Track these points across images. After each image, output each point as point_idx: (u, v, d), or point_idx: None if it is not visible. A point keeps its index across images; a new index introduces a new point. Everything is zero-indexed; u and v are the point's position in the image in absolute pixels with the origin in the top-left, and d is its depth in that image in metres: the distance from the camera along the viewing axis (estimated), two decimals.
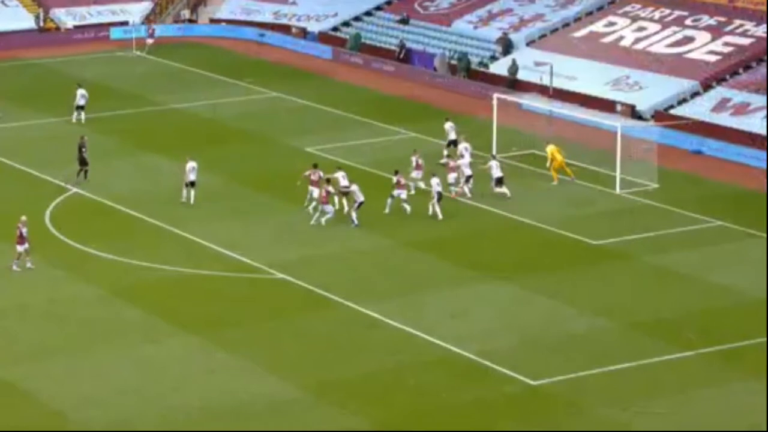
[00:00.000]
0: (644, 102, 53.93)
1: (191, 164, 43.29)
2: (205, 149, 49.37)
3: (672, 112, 53.21)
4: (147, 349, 33.37)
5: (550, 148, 46.08)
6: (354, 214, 41.54)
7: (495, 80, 58.07)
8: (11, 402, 30.71)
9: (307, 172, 42.85)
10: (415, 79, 60.78)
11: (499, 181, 44.14)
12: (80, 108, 53.08)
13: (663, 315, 35.31)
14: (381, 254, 39.79)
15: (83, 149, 45.95)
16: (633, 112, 53.42)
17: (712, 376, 31.88)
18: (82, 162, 45.79)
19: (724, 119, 51.62)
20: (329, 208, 41.34)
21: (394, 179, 42.40)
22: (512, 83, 57.50)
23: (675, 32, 57.91)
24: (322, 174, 42.53)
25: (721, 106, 52.54)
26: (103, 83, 59.32)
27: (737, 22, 57.16)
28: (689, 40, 57.22)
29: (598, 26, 60.07)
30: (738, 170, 48.13)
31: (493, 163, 44.58)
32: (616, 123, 46.74)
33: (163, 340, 33.87)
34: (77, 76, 59.08)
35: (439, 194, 42.13)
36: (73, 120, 53.01)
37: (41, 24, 68.55)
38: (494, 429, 29.57)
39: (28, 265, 38.03)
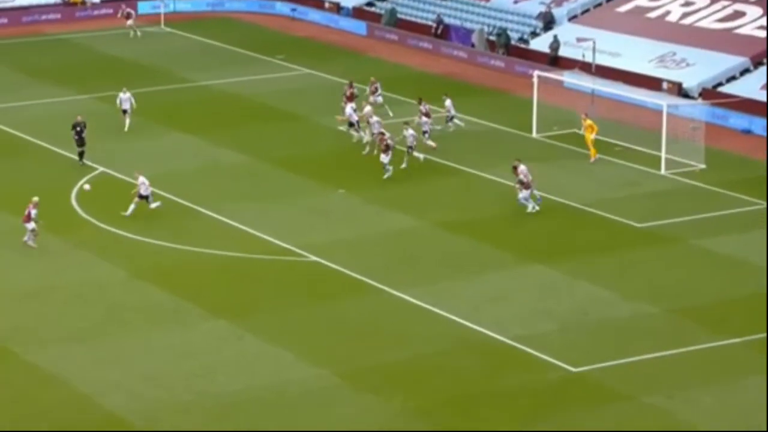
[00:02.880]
0: (691, 79, 53.09)
1: (141, 179, 40.21)
2: (235, 127, 49.37)
3: (720, 89, 52.45)
4: (176, 334, 32.97)
5: (589, 122, 45.71)
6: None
7: (535, 57, 57.46)
8: (38, 385, 30.38)
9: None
10: (452, 56, 59.84)
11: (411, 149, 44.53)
12: (124, 112, 49.02)
13: (708, 300, 34.69)
14: (415, 236, 39.22)
15: (78, 128, 44.77)
16: (680, 90, 52.71)
17: (759, 364, 31.09)
18: (81, 143, 44.80)
19: None
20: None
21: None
22: (553, 60, 56.76)
23: (724, 7, 57.05)
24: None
25: None
26: (132, 60, 58.63)
27: None
28: (739, 14, 56.31)
29: (644, 1, 58.83)
30: None
31: (409, 133, 44.60)
32: (662, 101, 46.27)
33: (194, 324, 33.48)
34: (104, 53, 58.17)
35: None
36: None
37: None
38: (534, 416, 29.02)
39: (30, 242, 37.64)
